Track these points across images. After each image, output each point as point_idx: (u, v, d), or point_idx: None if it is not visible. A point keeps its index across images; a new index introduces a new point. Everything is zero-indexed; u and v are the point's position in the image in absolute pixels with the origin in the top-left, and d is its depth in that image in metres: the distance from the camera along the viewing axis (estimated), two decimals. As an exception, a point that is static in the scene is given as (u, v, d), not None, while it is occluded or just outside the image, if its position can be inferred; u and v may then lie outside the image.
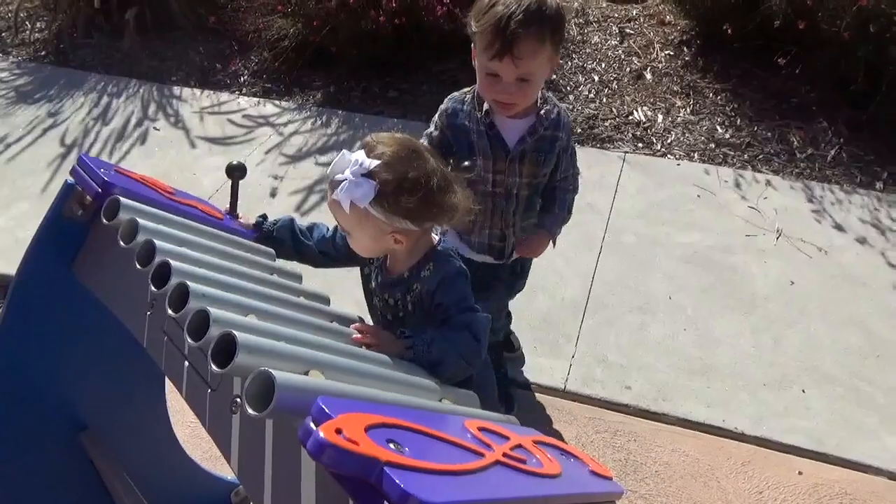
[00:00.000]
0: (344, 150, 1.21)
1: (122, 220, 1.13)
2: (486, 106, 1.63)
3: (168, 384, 1.54)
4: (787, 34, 3.24)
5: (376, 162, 1.16)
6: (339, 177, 1.17)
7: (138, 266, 1.06)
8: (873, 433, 2.08)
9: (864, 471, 1.99)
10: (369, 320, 1.44)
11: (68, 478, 1.47)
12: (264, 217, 1.50)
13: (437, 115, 1.72)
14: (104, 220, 1.15)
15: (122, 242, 1.10)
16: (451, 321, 1.26)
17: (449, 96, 1.72)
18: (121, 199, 1.16)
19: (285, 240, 1.47)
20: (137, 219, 1.11)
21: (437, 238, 1.33)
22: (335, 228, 1.46)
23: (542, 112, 1.63)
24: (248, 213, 1.53)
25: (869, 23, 2.99)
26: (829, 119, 3.30)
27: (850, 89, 3.16)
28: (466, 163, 1.63)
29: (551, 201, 1.76)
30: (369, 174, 1.16)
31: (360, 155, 1.18)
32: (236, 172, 1.58)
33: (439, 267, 1.30)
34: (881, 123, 3.17)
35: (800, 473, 1.98)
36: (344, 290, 1.78)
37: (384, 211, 1.18)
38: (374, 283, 1.40)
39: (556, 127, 1.64)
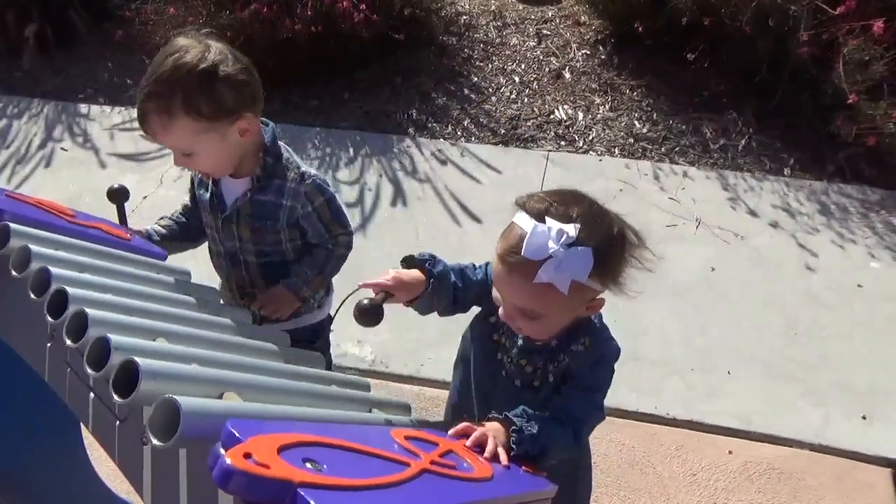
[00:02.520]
0: (528, 220, 1.02)
1: (13, 248, 1.05)
2: None
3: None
4: (695, 30, 3.37)
5: (577, 226, 1.00)
6: (544, 255, 1.00)
7: (33, 296, 0.99)
8: (795, 408, 2.17)
9: (789, 445, 2.07)
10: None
11: (-25, 528, 1.37)
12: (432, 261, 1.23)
13: None
14: (-7, 249, 1.07)
15: (13, 272, 1.03)
16: (569, 406, 1.14)
17: None
18: (11, 225, 1.08)
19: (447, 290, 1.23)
20: (30, 245, 1.04)
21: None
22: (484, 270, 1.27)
23: (257, 175, 1.45)
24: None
25: (768, 17, 3.14)
26: (738, 110, 3.45)
27: (755, 81, 3.30)
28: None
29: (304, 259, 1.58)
30: (578, 242, 1.00)
31: (552, 224, 1.01)
32: (119, 196, 1.47)
33: (598, 346, 1.16)
34: (786, 112, 3.33)
35: (730, 453, 2.04)
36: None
37: (600, 278, 1.04)
38: (504, 339, 1.23)
39: (281, 194, 1.45)
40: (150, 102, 1.29)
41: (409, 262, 1.23)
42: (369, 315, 1.13)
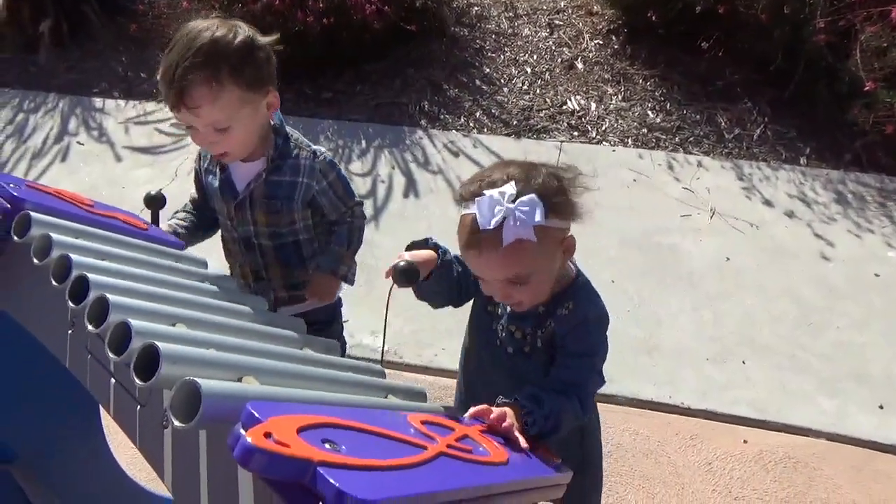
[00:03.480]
0: (471, 204, 1.07)
1: (34, 237, 1.07)
2: None
3: (102, 406, 1.47)
4: (709, 19, 3.34)
5: (513, 182, 1.06)
6: (497, 219, 1.04)
7: (54, 283, 1.00)
8: (811, 397, 2.16)
9: (804, 434, 2.06)
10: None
11: (-1, 513, 1.40)
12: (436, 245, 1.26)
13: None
14: (15, 238, 1.09)
15: (35, 260, 1.04)
16: (566, 374, 1.15)
17: None
18: (32, 214, 1.10)
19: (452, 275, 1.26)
20: (51, 234, 1.05)
21: (574, 269, 1.21)
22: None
23: (271, 156, 1.46)
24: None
25: (783, 4, 3.10)
26: (753, 99, 3.42)
27: (770, 70, 3.27)
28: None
29: (330, 240, 1.60)
30: (520, 193, 1.05)
31: (492, 192, 1.05)
32: (156, 203, 1.45)
33: (580, 307, 1.18)
34: (801, 101, 3.30)
35: (745, 442, 2.03)
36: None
37: (557, 215, 1.09)
38: (498, 309, 1.26)
39: (296, 173, 1.48)
40: (196, 73, 1.26)
41: (413, 246, 1.26)
42: (408, 274, 1.16)
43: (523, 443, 1.02)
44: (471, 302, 1.36)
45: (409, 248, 1.26)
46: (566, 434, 1.15)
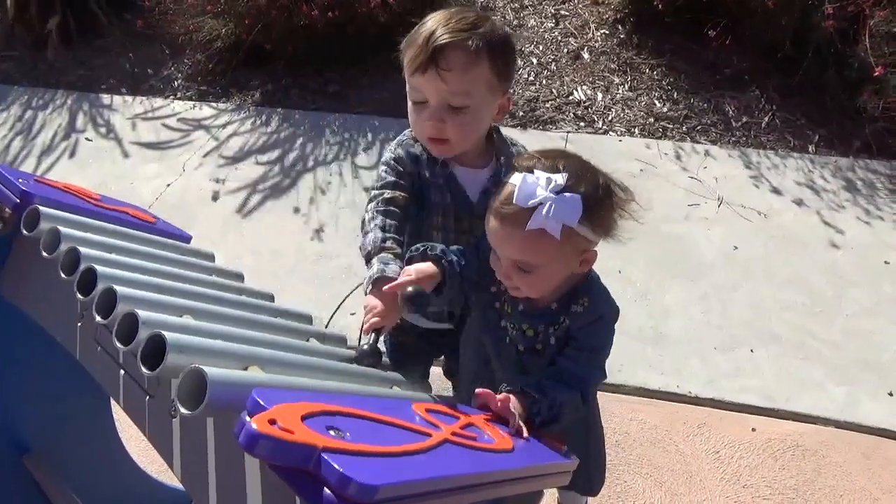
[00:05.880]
0: (518, 175, 1.06)
1: (43, 230, 1.08)
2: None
3: (113, 398, 1.49)
4: (716, 6, 3.32)
5: (566, 175, 1.04)
6: (534, 201, 1.03)
7: (63, 275, 1.02)
8: (820, 385, 2.15)
9: (813, 422, 2.06)
10: (325, 314, 1.40)
11: (14, 502, 1.42)
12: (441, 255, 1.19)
13: (385, 169, 1.37)
14: (24, 232, 1.11)
15: (44, 253, 1.06)
16: (575, 367, 1.16)
17: (393, 144, 1.41)
18: (41, 208, 1.11)
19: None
20: (59, 227, 1.07)
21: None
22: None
23: (503, 158, 1.36)
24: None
25: (792, -10, 3.08)
26: (761, 87, 3.39)
27: (778, 57, 3.25)
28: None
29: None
30: (566, 189, 1.04)
31: (541, 174, 1.04)
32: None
33: (596, 305, 1.18)
34: (810, 88, 3.27)
35: (753, 430, 2.03)
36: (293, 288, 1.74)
37: (591, 226, 1.07)
38: (506, 307, 1.24)
39: None
40: (461, 36, 1.21)
41: (412, 259, 1.21)
42: (417, 300, 1.12)
43: (525, 432, 1.03)
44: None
45: (409, 261, 1.21)
46: (569, 424, 1.16)
